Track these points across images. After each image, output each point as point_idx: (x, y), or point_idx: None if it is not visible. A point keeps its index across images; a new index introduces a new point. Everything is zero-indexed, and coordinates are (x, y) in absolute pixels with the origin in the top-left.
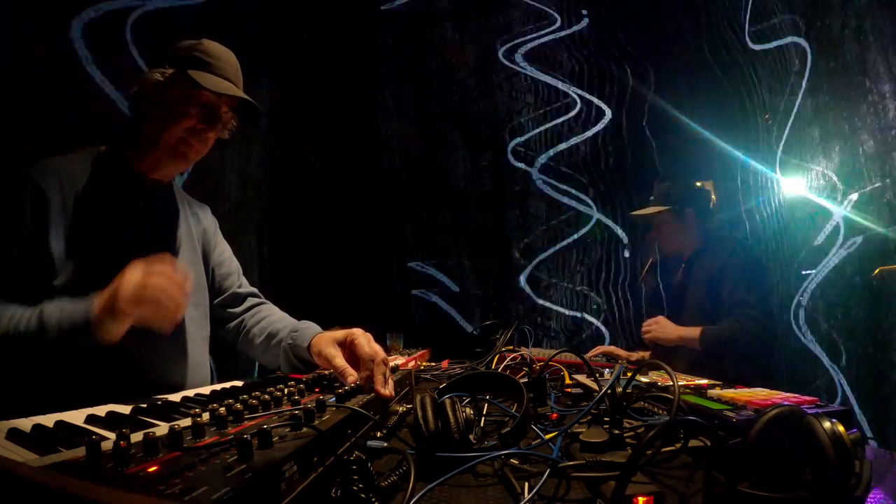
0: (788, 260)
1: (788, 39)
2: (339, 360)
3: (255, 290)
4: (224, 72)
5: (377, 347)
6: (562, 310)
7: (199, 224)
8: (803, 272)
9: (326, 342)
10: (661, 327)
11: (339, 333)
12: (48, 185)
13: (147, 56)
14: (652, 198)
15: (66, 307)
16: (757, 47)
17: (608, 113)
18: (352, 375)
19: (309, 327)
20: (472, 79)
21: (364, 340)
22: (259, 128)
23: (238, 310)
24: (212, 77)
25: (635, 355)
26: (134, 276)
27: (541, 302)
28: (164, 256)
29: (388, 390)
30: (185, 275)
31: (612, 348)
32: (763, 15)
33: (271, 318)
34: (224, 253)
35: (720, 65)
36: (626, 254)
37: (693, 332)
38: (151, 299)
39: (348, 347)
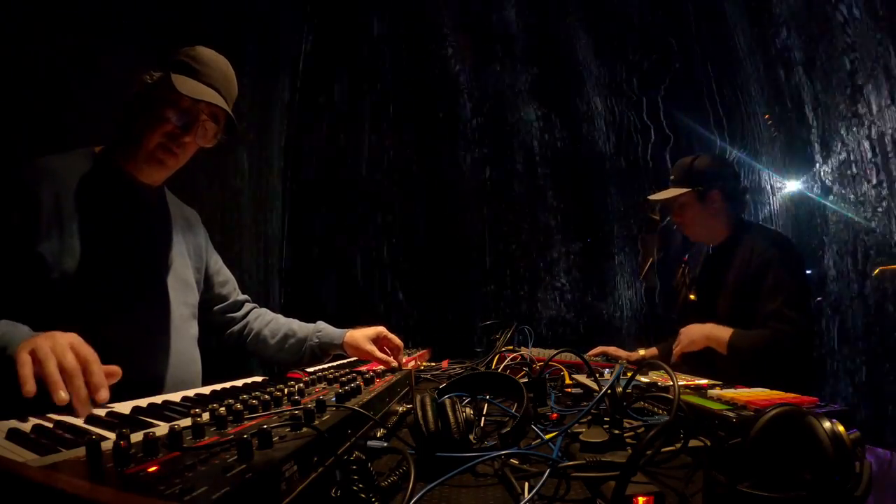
0: None
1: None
2: (380, 353)
3: (246, 295)
4: (210, 79)
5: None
6: None
7: (191, 229)
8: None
9: (362, 339)
10: (685, 336)
11: (370, 331)
12: (39, 185)
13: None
14: (672, 177)
15: (5, 330)
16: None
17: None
18: (393, 362)
19: (327, 327)
20: None
21: (390, 335)
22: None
23: (239, 314)
24: (192, 82)
25: (635, 355)
26: (59, 339)
27: None
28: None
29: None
30: (103, 376)
31: (613, 348)
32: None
33: (278, 320)
34: (219, 261)
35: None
36: None
37: (723, 333)
38: (59, 361)
39: (380, 342)
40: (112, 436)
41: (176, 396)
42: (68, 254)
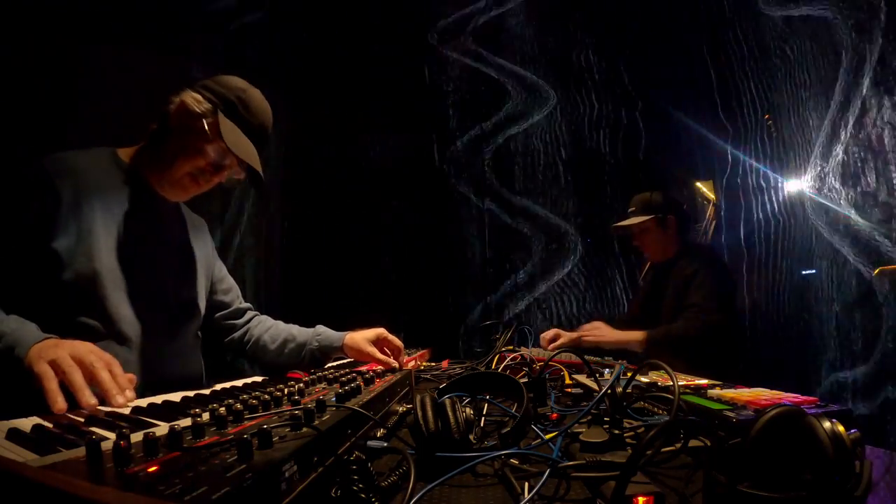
0: (788, 260)
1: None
2: (381, 355)
3: (249, 304)
4: (254, 131)
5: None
6: None
7: (199, 238)
8: (803, 272)
9: (362, 342)
10: (600, 332)
11: (370, 333)
12: (62, 181)
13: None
14: (632, 209)
15: (15, 327)
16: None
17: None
18: (394, 363)
19: (326, 330)
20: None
21: (391, 336)
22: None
23: (240, 321)
24: (236, 133)
25: (575, 334)
26: (79, 348)
27: None
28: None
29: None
30: (120, 391)
31: (555, 331)
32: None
33: (278, 326)
34: (223, 269)
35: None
36: None
37: (635, 335)
38: (82, 366)
39: (381, 343)
40: (112, 436)
41: (176, 396)
42: (83, 254)
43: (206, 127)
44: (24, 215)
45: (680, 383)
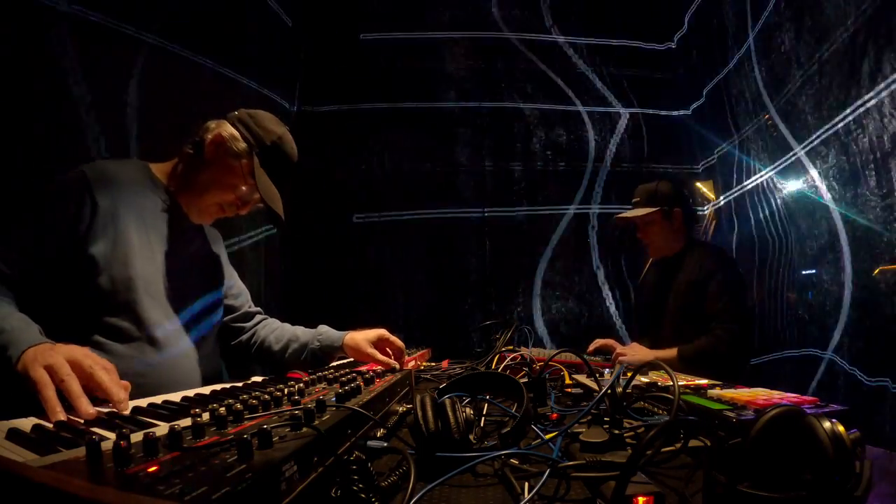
0: (788, 260)
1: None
2: (380, 356)
3: (258, 308)
4: (283, 180)
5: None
6: None
7: (217, 249)
8: (803, 272)
9: (362, 343)
10: (634, 352)
11: (371, 334)
12: (100, 189)
13: None
14: (637, 199)
15: (16, 326)
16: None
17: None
18: (394, 363)
19: (329, 330)
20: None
21: (392, 337)
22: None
23: (249, 325)
24: (267, 179)
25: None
26: (76, 353)
27: None
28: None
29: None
30: (120, 388)
31: (610, 341)
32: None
33: (284, 328)
34: (234, 276)
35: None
36: None
37: (669, 353)
38: (80, 370)
39: (382, 344)
40: (112, 436)
41: (176, 396)
42: (119, 260)
43: (241, 167)
44: (64, 220)
45: (680, 383)
